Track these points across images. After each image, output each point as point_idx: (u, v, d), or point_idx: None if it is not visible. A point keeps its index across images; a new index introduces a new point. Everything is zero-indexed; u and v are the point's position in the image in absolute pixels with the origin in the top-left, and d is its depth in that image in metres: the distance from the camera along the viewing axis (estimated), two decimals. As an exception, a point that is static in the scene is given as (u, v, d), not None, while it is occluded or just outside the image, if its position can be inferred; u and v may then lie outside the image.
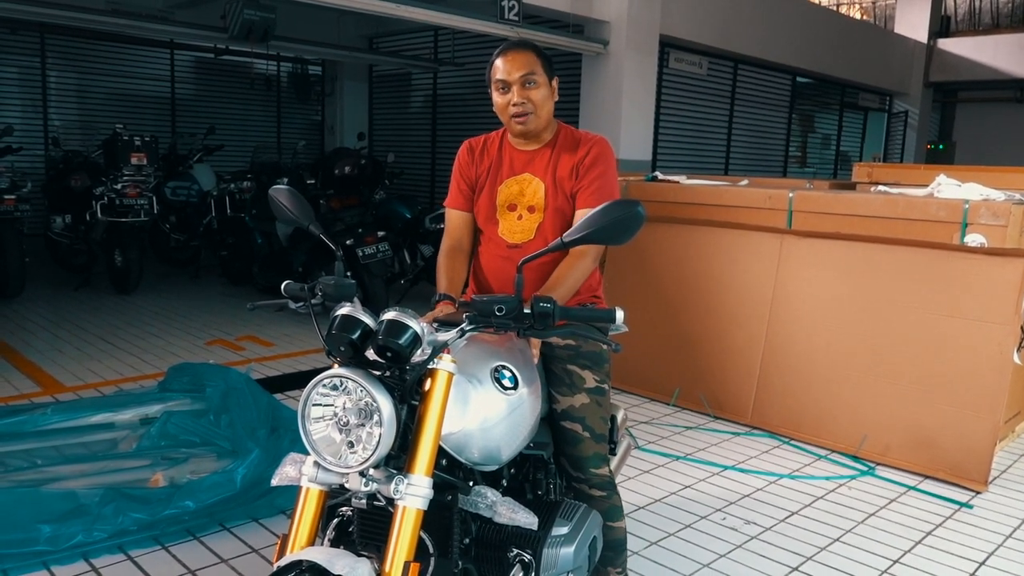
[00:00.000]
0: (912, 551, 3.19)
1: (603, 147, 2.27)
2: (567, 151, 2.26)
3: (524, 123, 2.20)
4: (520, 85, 2.17)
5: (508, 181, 2.30)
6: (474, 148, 2.39)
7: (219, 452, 3.50)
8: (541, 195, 2.25)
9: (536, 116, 2.20)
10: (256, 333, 6.13)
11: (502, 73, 2.18)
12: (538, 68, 2.19)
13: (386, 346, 1.57)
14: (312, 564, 1.46)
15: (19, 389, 4.59)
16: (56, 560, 2.79)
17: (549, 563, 1.85)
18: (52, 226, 7.77)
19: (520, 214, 2.27)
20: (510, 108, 2.19)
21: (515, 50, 2.20)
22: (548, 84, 2.22)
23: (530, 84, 2.17)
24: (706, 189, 5.21)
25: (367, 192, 7.38)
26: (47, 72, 10.25)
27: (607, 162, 2.25)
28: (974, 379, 3.84)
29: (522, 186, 2.28)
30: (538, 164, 2.27)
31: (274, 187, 1.93)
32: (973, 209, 4.03)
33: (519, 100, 2.17)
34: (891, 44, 14.73)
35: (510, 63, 2.18)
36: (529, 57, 2.19)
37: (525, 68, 2.17)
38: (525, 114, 2.18)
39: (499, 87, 2.21)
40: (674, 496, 3.62)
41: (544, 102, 2.21)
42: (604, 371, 2.29)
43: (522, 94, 2.17)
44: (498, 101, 2.22)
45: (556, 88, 2.27)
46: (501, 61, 2.20)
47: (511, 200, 2.28)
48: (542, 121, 2.23)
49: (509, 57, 2.18)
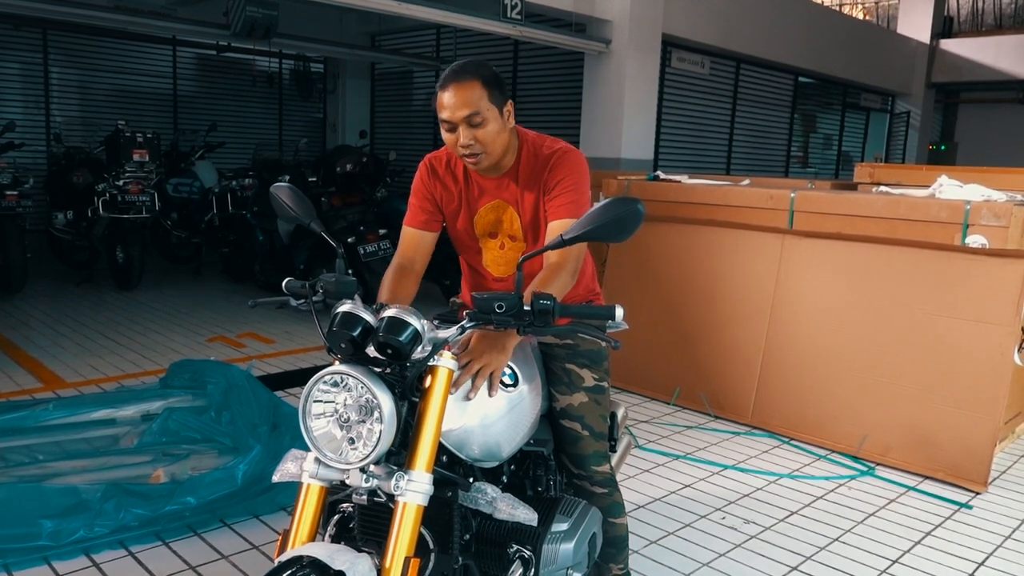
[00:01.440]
0: (911, 551, 3.20)
1: (568, 157, 2.10)
2: (533, 173, 2.10)
3: (476, 163, 2.03)
4: (465, 124, 1.97)
5: (483, 209, 2.17)
6: (436, 167, 2.21)
7: (220, 449, 3.51)
8: (518, 224, 2.15)
9: (487, 154, 2.01)
10: (257, 330, 6.14)
11: (446, 112, 1.98)
12: (483, 102, 1.96)
13: (387, 343, 1.58)
14: (313, 559, 1.46)
15: (20, 385, 4.60)
16: (57, 555, 2.79)
17: (549, 559, 1.86)
18: (54, 222, 7.78)
19: (502, 242, 2.19)
20: (459, 149, 2.02)
21: (458, 83, 1.96)
22: (499, 116, 2.00)
23: (477, 123, 1.97)
24: (708, 189, 5.22)
25: (369, 190, 7.37)
26: (49, 68, 10.26)
27: (574, 171, 2.08)
28: (974, 380, 3.84)
29: (498, 213, 2.16)
30: (507, 192, 2.14)
31: (275, 184, 1.93)
32: (974, 210, 4.03)
33: (466, 142, 1.98)
34: (893, 44, 14.73)
35: (453, 101, 1.96)
36: (474, 90, 1.95)
37: (469, 107, 1.95)
38: (475, 155, 2.01)
39: (445, 127, 2.01)
40: (674, 495, 3.63)
41: (495, 138, 2.01)
42: (603, 369, 2.29)
43: (469, 135, 1.97)
44: (446, 138, 2.04)
45: (511, 111, 2.06)
46: (445, 96, 1.97)
47: (490, 229, 2.18)
48: (495, 157, 2.04)
49: (451, 92, 1.96)
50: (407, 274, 2.15)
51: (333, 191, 6.94)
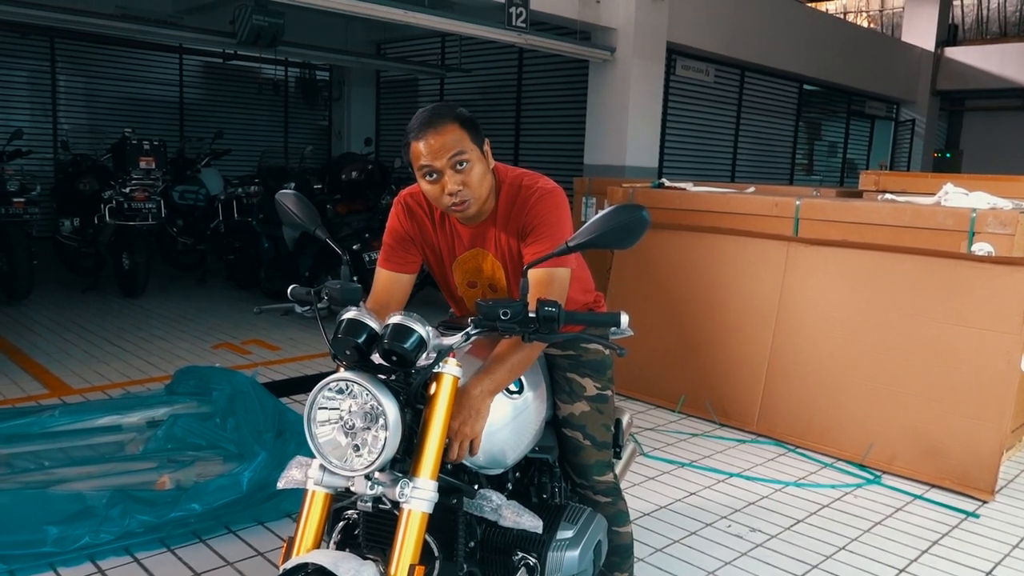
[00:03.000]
0: (918, 560, 3.18)
1: (546, 201, 1.96)
2: (512, 218, 1.99)
3: (464, 210, 1.90)
4: (451, 170, 1.84)
5: (462, 258, 2.08)
6: (412, 209, 2.07)
7: (225, 455, 3.51)
8: (501, 275, 2.06)
9: (476, 198, 1.90)
10: (262, 337, 6.15)
11: (427, 159, 1.83)
12: (466, 143, 1.85)
13: (391, 350, 1.58)
14: (318, 567, 1.46)
15: (26, 391, 4.61)
16: (63, 562, 2.79)
17: (554, 566, 1.86)
18: (60, 229, 7.81)
19: (483, 292, 2.12)
20: (445, 198, 1.87)
21: (436, 128, 1.83)
22: (481, 156, 1.89)
23: (463, 166, 1.85)
24: (712, 196, 5.21)
25: (374, 197, 7.39)
26: (57, 76, 10.32)
27: (552, 214, 1.95)
28: (981, 388, 3.83)
29: (478, 261, 2.07)
30: (487, 240, 2.03)
31: (281, 192, 1.93)
32: (980, 218, 4.02)
33: (454, 188, 1.85)
34: (898, 52, 14.73)
35: (434, 145, 1.82)
36: (454, 132, 1.83)
37: (453, 148, 1.83)
38: (464, 202, 1.88)
39: (425, 175, 1.86)
40: (679, 503, 3.62)
41: (481, 181, 1.89)
42: (607, 378, 2.28)
43: (456, 180, 1.84)
44: (428, 190, 1.89)
45: (489, 152, 1.94)
46: (422, 144, 1.83)
47: (469, 278, 2.11)
48: (483, 199, 1.92)
49: (431, 139, 1.82)
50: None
51: (338, 198, 6.97)
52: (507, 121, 10.46)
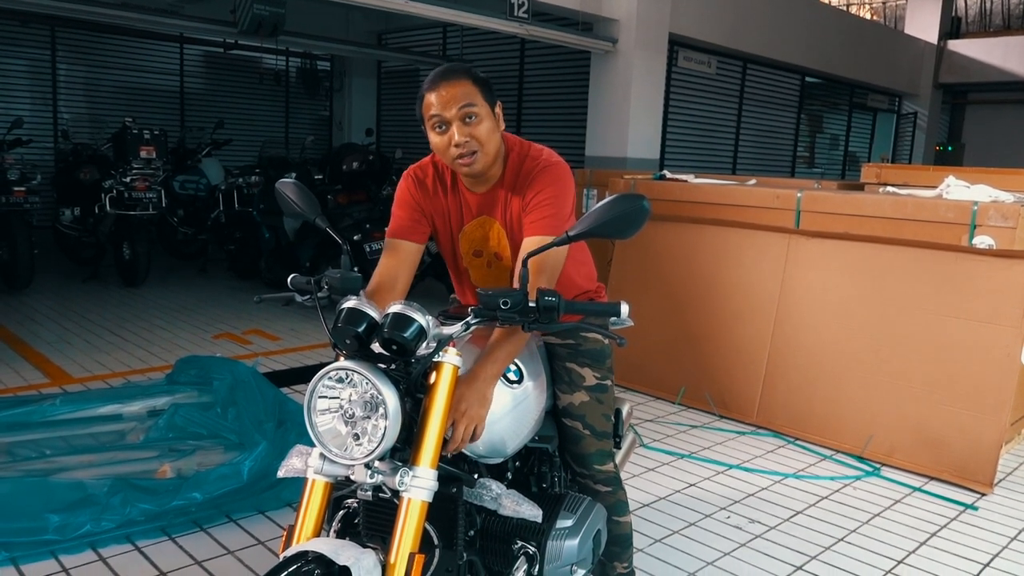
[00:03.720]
0: (916, 552, 3.19)
1: (550, 171, 1.99)
2: (518, 186, 2.01)
3: (470, 164, 1.91)
4: (460, 122, 1.87)
5: (469, 226, 2.10)
6: (422, 180, 2.10)
7: (226, 444, 3.52)
8: (506, 243, 2.07)
9: (483, 154, 1.91)
10: (263, 327, 6.15)
11: (437, 108, 1.88)
12: (478, 98, 1.89)
13: (391, 339, 1.58)
14: (318, 554, 1.47)
15: (28, 380, 4.62)
16: (64, 549, 2.80)
17: (553, 555, 1.86)
18: (61, 218, 7.81)
19: (488, 261, 2.12)
20: (452, 150, 1.89)
21: (449, 80, 1.87)
22: (491, 114, 1.92)
23: (471, 119, 1.88)
24: (714, 188, 5.21)
25: (374, 188, 7.38)
26: (57, 65, 10.30)
27: (554, 184, 1.97)
28: (981, 381, 3.83)
29: (484, 230, 2.08)
30: (495, 207, 2.05)
31: (281, 181, 1.92)
32: (982, 211, 4.01)
33: (461, 139, 1.87)
34: (901, 45, 14.68)
35: (445, 96, 1.86)
36: (466, 86, 1.88)
37: (463, 100, 1.86)
38: (471, 153, 1.90)
39: (435, 125, 1.90)
40: (679, 494, 3.62)
41: (490, 136, 1.91)
42: (606, 367, 2.28)
43: (464, 131, 1.88)
44: (436, 141, 1.92)
45: (500, 115, 1.98)
46: (434, 95, 1.88)
47: (475, 247, 2.11)
48: (490, 158, 1.94)
49: (443, 90, 1.87)
50: (386, 296, 1.94)
51: (339, 189, 6.96)
52: (508, 112, 10.35)
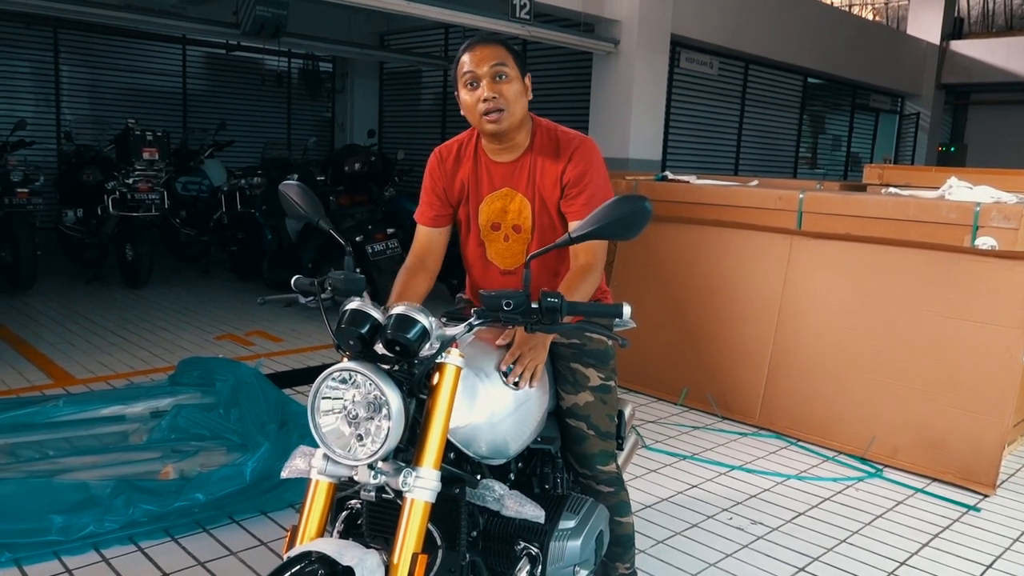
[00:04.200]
0: (919, 554, 3.19)
1: (587, 149, 2.11)
2: (548, 158, 2.11)
3: (497, 121, 2.02)
4: (490, 79, 2.00)
5: (489, 198, 2.16)
6: (445, 157, 2.22)
7: (229, 446, 3.52)
8: (528, 214, 2.13)
9: (509, 113, 2.02)
10: (265, 328, 6.16)
11: (470, 65, 2.01)
12: (509, 60, 2.02)
13: (395, 340, 1.58)
14: (321, 555, 1.47)
15: (31, 381, 4.63)
16: (67, 550, 2.81)
17: (556, 556, 1.86)
18: (64, 220, 7.82)
19: (506, 234, 2.17)
20: (480, 105, 2.01)
21: (483, 43, 2.03)
22: (521, 79, 2.06)
23: (501, 77, 2.01)
24: (716, 189, 5.21)
25: (377, 189, 7.39)
26: (60, 67, 10.32)
27: (594, 166, 2.10)
28: (983, 382, 3.83)
29: (504, 202, 2.15)
30: (519, 178, 2.13)
31: (284, 183, 1.94)
32: (984, 212, 4.01)
33: (489, 95, 1.99)
34: (903, 45, 14.67)
35: (478, 55, 2.01)
36: (498, 50, 2.03)
37: (494, 59, 2.00)
38: (498, 110, 2.01)
39: (467, 82, 2.03)
40: (681, 495, 3.62)
41: (517, 98, 2.03)
42: (610, 368, 2.28)
43: (493, 88, 2.00)
44: (466, 99, 2.04)
45: (529, 86, 2.10)
46: (468, 55, 2.03)
47: (494, 219, 2.17)
48: (516, 119, 2.05)
49: (477, 51, 2.02)
50: (416, 273, 2.18)
51: (341, 190, 6.96)
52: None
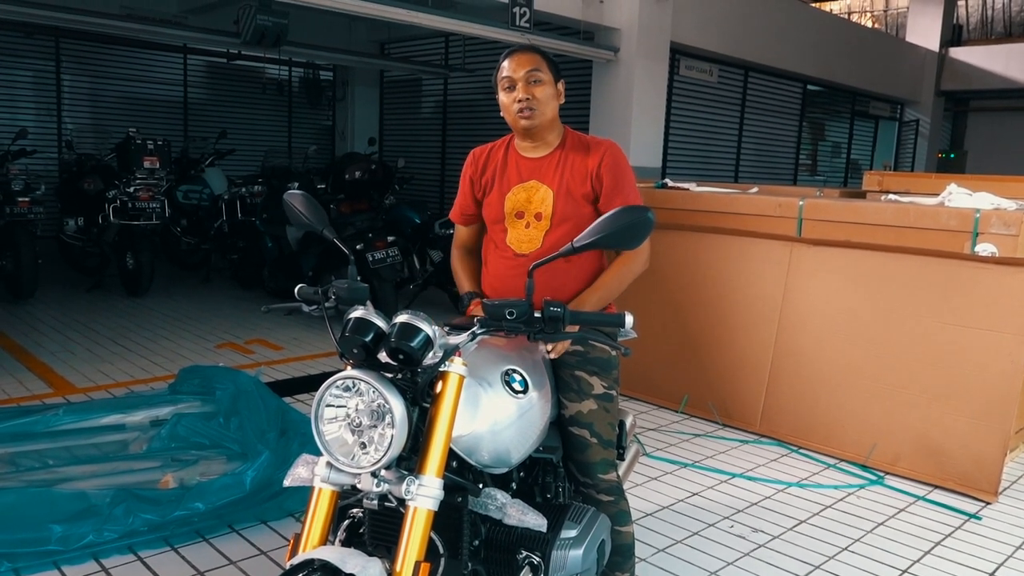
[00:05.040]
0: (920, 561, 3.18)
1: (616, 150, 2.31)
2: (576, 155, 2.29)
3: (530, 118, 2.22)
4: (525, 82, 2.22)
5: (516, 188, 2.31)
6: (478, 157, 2.43)
7: (229, 454, 3.52)
8: (549, 202, 2.26)
9: (541, 112, 2.23)
10: (265, 337, 6.16)
11: (508, 71, 2.24)
12: (543, 67, 2.24)
13: (398, 348, 1.59)
14: (324, 563, 1.47)
15: (31, 390, 4.63)
16: (67, 560, 2.80)
17: (558, 565, 1.86)
18: (65, 228, 7.82)
19: (528, 222, 2.29)
20: (515, 105, 2.23)
21: (521, 51, 2.27)
22: (553, 84, 2.26)
23: (535, 82, 2.22)
24: (716, 196, 5.21)
25: (377, 197, 7.40)
26: (61, 76, 10.34)
27: (625, 165, 2.30)
28: (984, 389, 3.82)
29: (529, 193, 2.29)
30: (546, 170, 2.29)
31: (289, 192, 1.95)
32: (984, 218, 4.02)
33: (524, 96, 2.21)
34: (902, 52, 14.71)
35: (516, 62, 2.23)
36: (534, 57, 2.25)
37: (530, 65, 2.22)
38: (530, 109, 2.21)
39: (505, 85, 2.26)
40: (682, 503, 3.62)
41: (549, 100, 2.25)
42: (612, 377, 2.29)
43: (527, 90, 2.21)
44: (504, 100, 2.27)
45: (562, 91, 2.31)
46: (508, 62, 2.26)
47: (518, 208, 2.30)
48: (547, 118, 2.25)
49: (515, 57, 2.25)
50: (470, 255, 2.53)
51: (342, 198, 6.96)
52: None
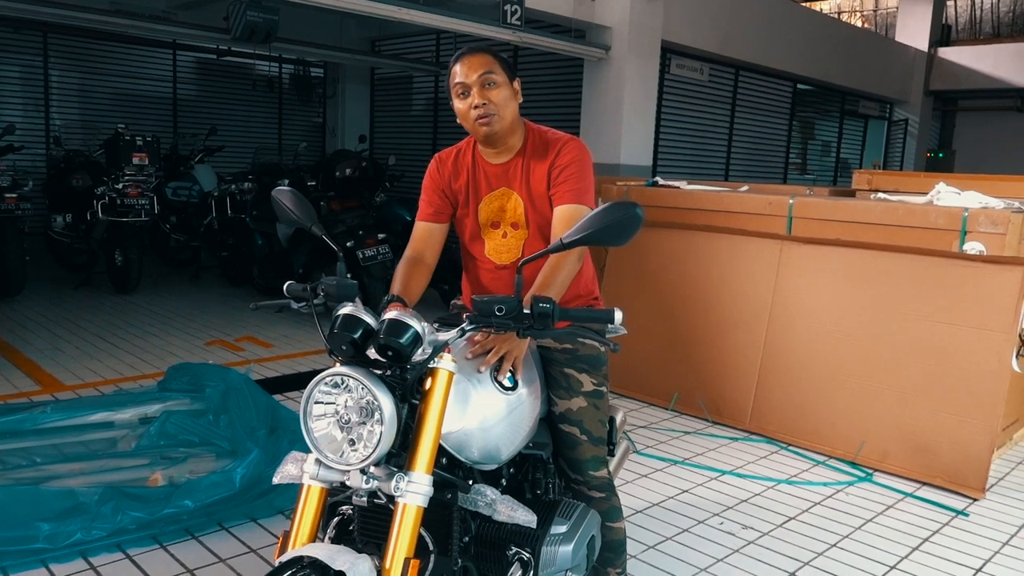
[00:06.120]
0: (908, 558, 3.20)
1: (574, 145, 2.20)
2: (538, 158, 2.19)
3: (488, 124, 2.11)
4: (479, 87, 2.10)
5: (487, 198, 2.24)
6: (445, 161, 2.31)
7: (218, 452, 3.51)
8: (521, 211, 2.21)
9: (500, 117, 2.12)
10: (255, 334, 6.14)
11: (460, 76, 2.11)
12: (496, 68, 2.12)
13: (387, 345, 1.58)
14: (313, 560, 1.47)
15: (18, 387, 4.60)
16: (55, 558, 2.79)
17: (548, 561, 1.86)
18: (53, 225, 7.77)
19: (504, 231, 2.23)
20: (472, 112, 2.11)
21: (471, 54, 2.13)
22: (509, 84, 2.15)
23: (490, 85, 2.10)
24: (706, 195, 5.23)
25: (368, 194, 7.39)
26: (49, 71, 10.26)
27: (580, 160, 2.18)
28: (972, 386, 3.85)
29: (502, 201, 2.23)
30: (513, 177, 2.21)
31: (277, 188, 1.94)
32: (972, 217, 4.04)
33: (480, 102, 2.09)
34: (892, 52, 14.77)
35: (467, 66, 2.10)
36: (486, 58, 2.12)
37: (482, 68, 2.09)
38: (488, 115, 2.10)
39: (459, 92, 2.13)
40: (672, 500, 3.63)
41: (506, 103, 2.13)
42: (602, 374, 2.30)
43: (482, 95, 2.09)
44: (459, 107, 2.14)
45: (519, 90, 2.19)
46: (459, 66, 2.12)
47: (493, 218, 2.24)
48: (506, 122, 2.14)
49: (466, 61, 2.11)
50: (417, 265, 2.23)
51: (332, 195, 6.95)
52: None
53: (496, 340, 1.93)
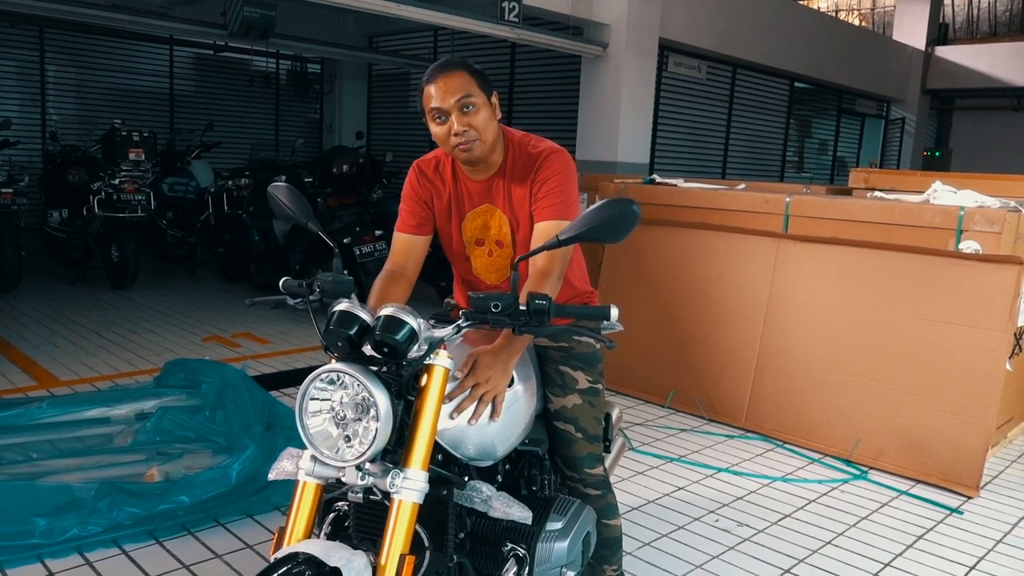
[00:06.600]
0: (903, 555, 3.21)
1: (557, 157, 2.09)
2: (519, 177, 2.09)
3: (469, 151, 1.99)
4: (458, 111, 1.96)
5: (470, 215, 2.16)
6: (425, 171, 2.20)
7: (214, 448, 3.50)
8: (507, 230, 2.14)
9: (481, 142, 2.00)
10: (252, 330, 6.13)
11: (436, 101, 1.96)
12: (474, 88, 1.97)
13: (383, 341, 1.58)
14: (309, 556, 1.47)
15: (14, 383, 4.59)
16: (50, 553, 2.79)
17: (543, 557, 1.87)
18: (49, 220, 7.76)
19: (490, 249, 2.18)
20: (452, 139, 1.98)
21: (446, 73, 1.97)
22: (488, 103, 2.01)
23: (469, 108, 1.96)
24: (703, 192, 5.23)
25: (365, 191, 7.38)
26: (46, 66, 10.24)
27: (563, 172, 2.07)
28: (967, 385, 3.86)
29: (485, 218, 2.15)
30: (495, 194, 2.13)
31: (273, 184, 1.93)
32: (968, 216, 4.05)
33: (460, 128, 1.96)
34: (889, 51, 14.79)
35: (443, 88, 1.95)
36: (462, 78, 1.97)
37: (460, 91, 1.95)
38: (469, 142, 1.98)
39: (435, 117, 1.99)
40: (668, 497, 3.63)
41: (487, 124, 2.00)
42: (597, 371, 2.29)
43: (462, 121, 1.96)
44: (437, 132, 2.00)
45: (497, 104, 2.06)
46: (433, 88, 1.97)
47: (477, 235, 2.18)
48: (488, 144, 2.02)
49: (440, 82, 1.96)
50: (397, 279, 2.13)
51: (329, 192, 6.94)
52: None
53: (476, 378, 1.80)
